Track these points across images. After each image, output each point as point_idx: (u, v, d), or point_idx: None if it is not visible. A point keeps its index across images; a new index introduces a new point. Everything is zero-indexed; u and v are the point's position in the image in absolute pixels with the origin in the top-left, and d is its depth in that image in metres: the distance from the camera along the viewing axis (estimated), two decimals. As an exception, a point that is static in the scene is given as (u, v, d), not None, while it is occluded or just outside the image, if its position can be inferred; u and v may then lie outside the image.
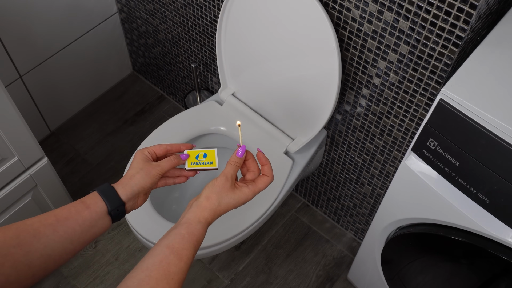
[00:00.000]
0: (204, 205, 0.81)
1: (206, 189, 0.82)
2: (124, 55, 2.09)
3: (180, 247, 0.74)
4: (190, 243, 0.75)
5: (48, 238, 0.73)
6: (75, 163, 1.95)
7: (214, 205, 0.81)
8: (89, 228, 0.77)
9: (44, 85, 1.83)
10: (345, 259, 1.74)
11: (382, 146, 1.33)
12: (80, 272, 1.69)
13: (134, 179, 0.82)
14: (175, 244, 0.74)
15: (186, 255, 0.74)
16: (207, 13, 1.49)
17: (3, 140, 1.27)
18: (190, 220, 0.78)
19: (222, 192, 0.82)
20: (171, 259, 0.72)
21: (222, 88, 1.47)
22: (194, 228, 0.78)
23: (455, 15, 0.93)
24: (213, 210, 0.81)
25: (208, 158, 0.89)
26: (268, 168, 0.87)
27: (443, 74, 1.03)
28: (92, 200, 0.79)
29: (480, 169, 0.88)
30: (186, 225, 0.78)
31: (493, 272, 1.03)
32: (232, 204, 0.83)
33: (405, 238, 1.14)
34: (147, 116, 2.08)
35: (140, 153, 0.86)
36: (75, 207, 0.78)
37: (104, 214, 0.79)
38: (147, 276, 0.69)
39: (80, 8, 1.75)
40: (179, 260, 0.73)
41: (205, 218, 0.80)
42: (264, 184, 0.86)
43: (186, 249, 0.74)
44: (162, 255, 0.73)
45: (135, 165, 0.84)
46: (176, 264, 0.72)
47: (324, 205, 1.78)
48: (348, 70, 1.22)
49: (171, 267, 0.72)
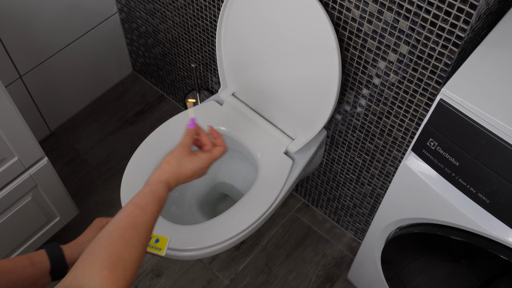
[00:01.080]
0: (164, 167, 0.89)
1: (166, 156, 0.91)
2: (124, 55, 2.09)
3: (144, 202, 0.81)
4: (153, 199, 0.82)
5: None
6: (75, 163, 1.95)
7: (174, 167, 0.89)
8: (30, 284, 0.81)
9: (44, 85, 1.83)
10: (345, 259, 1.74)
11: (382, 146, 1.33)
12: (80, 272, 1.68)
13: (83, 246, 0.87)
14: (139, 201, 0.81)
15: (151, 210, 0.80)
16: (207, 13, 1.49)
17: (3, 140, 1.27)
18: (151, 181, 0.87)
19: (180, 156, 0.91)
20: (137, 212, 0.79)
21: (222, 88, 1.47)
22: (155, 187, 0.85)
23: (455, 15, 0.93)
24: (173, 172, 0.89)
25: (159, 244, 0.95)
26: (220, 140, 0.99)
27: (443, 74, 1.03)
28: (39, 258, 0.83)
29: (480, 169, 0.88)
30: (148, 185, 0.85)
31: (493, 272, 1.03)
32: (191, 168, 0.91)
33: (405, 238, 1.14)
34: (147, 116, 2.08)
35: (98, 221, 0.92)
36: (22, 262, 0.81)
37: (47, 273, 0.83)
38: (116, 227, 0.75)
39: (80, 8, 1.75)
40: (143, 213, 0.79)
41: (165, 179, 0.87)
42: (219, 152, 0.97)
43: (150, 204, 0.81)
44: (128, 210, 0.79)
45: (89, 232, 0.90)
46: (141, 216, 0.78)
47: (324, 205, 1.78)
48: (348, 70, 1.22)
49: (137, 218, 0.78)
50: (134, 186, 1.32)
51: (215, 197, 1.69)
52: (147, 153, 1.38)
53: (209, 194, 1.61)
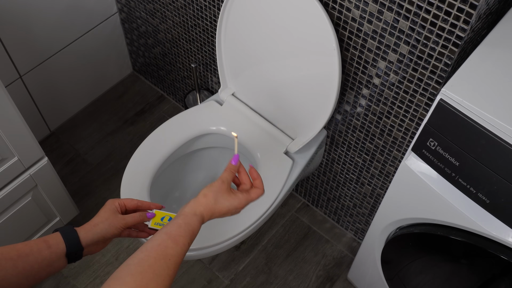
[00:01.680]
0: (201, 200, 0.87)
1: (204, 189, 0.89)
2: (124, 55, 2.09)
3: (177, 234, 0.79)
4: (186, 231, 0.81)
5: (7, 272, 0.77)
6: (75, 163, 1.95)
7: (211, 202, 0.87)
8: (46, 266, 0.82)
9: (44, 85, 1.83)
10: (345, 259, 1.74)
11: (382, 146, 1.33)
12: (80, 272, 1.69)
13: (97, 228, 0.87)
14: (172, 231, 0.80)
15: (182, 242, 0.79)
16: (207, 13, 1.49)
17: (3, 140, 1.27)
18: (187, 212, 0.84)
19: (218, 192, 0.88)
20: (169, 243, 0.77)
21: (222, 88, 1.47)
22: (190, 219, 0.83)
23: (455, 15, 0.93)
24: (209, 207, 0.87)
25: None
26: (259, 182, 0.95)
27: (443, 74, 1.03)
28: (55, 241, 0.83)
29: (480, 169, 0.88)
30: (183, 216, 0.83)
31: (493, 272, 1.03)
32: (227, 206, 0.89)
33: (405, 238, 1.14)
34: (147, 116, 2.08)
35: (111, 203, 0.91)
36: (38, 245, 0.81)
37: (62, 255, 0.83)
38: (146, 256, 0.74)
39: (80, 8, 1.75)
40: (175, 245, 0.78)
41: (200, 212, 0.85)
42: (256, 195, 0.93)
43: (182, 236, 0.80)
44: (160, 240, 0.78)
45: (102, 213, 0.89)
46: (173, 247, 0.77)
47: (324, 205, 1.78)
48: (348, 70, 1.22)
49: (168, 250, 0.77)
50: (134, 186, 1.32)
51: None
52: (147, 153, 1.38)
53: (209, 194, 1.61)
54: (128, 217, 0.90)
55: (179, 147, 1.41)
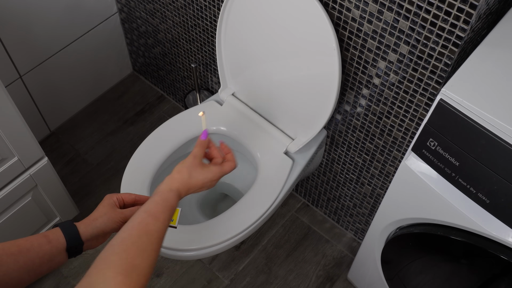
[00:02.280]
0: (175, 176, 0.90)
1: (177, 166, 0.92)
2: (124, 55, 2.09)
3: (156, 210, 0.82)
4: (165, 207, 0.83)
5: (9, 267, 0.78)
6: (75, 163, 1.95)
7: (185, 177, 0.90)
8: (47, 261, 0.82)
9: (44, 85, 1.83)
10: (345, 259, 1.74)
11: (382, 146, 1.33)
12: (80, 272, 1.68)
13: (96, 222, 0.88)
14: (151, 208, 0.82)
15: (162, 217, 0.81)
16: (207, 13, 1.49)
17: (3, 140, 1.27)
18: (163, 189, 0.87)
19: (191, 167, 0.91)
20: (149, 220, 0.79)
21: (222, 88, 1.47)
22: (166, 195, 0.86)
23: (455, 15, 0.93)
24: (184, 182, 0.90)
25: None
26: (231, 155, 0.99)
27: (443, 74, 1.03)
28: (55, 236, 0.84)
29: (480, 169, 0.88)
30: (160, 193, 0.86)
31: (493, 272, 1.03)
32: (201, 179, 0.92)
33: (405, 238, 1.14)
34: (147, 116, 2.08)
35: (109, 198, 0.92)
36: (38, 240, 0.82)
37: (63, 250, 0.84)
38: (129, 234, 0.76)
39: (80, 8, 1.75)
40: (156, 220, 0.80)
41: (176, 187, 0.88)
42: (229, 167, 0.97)
43: (161, 212, 0.82)
44: (140, 218, 0.79)
45: (101, 208, 0.90)
46: (154, 223, 0.79)
47: (324, 205, 1.78)
48: (348, 70, 1.22)
49: (149, 226, 0.78)
50: (134, 186, 1.32)
51: (215, 197, 1.69)
52: (147, 153, 1.38)
53: (209, 194, 1.62)
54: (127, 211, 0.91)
55: (179, 147, 1.41)
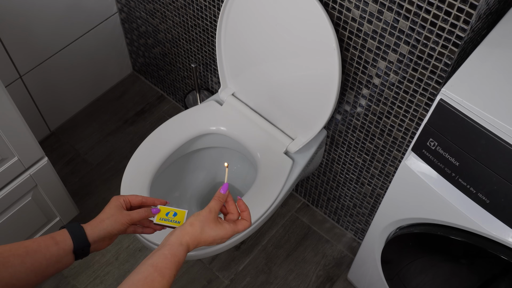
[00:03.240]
0: (187, 230, 0.86)
1: (191, 217, 0.88)
2: (124, 55, 2.09)
3: (163, 266, 0.79)
4: (172, 263, 0.81)
5: (16, 269, 0.78)
6: (75, 163, 1.95)
7: (197, 232, 0.86)
8: (54, 263, 0.82)
9: (44, 85, 1.83)
10: (345, 259, 1.74)
11: (382, 146, 1.33)
12: (80, 272, 1.69)
13: (103, 224, 0.87)
14: (159, 263, 0.80)
15: (169, 274, 0.79)
16: (207, 13, 1.49)
17: (3, 140, 1.27)
18: (173, 242, 0.84)
19: (205, 221, 0.88)
20: (155, 276, 0.77)
21: (222, 88, 1.47)
22: (176, 250, 0.83)
23: (455, 15, 0.93)
24: (195, 236, 0.86)
25: (177, 217, 0.95)
26: (247, 214, 0.93)
27: (443, 74, 1.03)
28: (62, 237, 0.84)
29: (480, 169, 0.88)
30: (169, 246, 0.83)
31: (493, 272, 1.03)
32: (212, 236, 0.88)
33: (405, 238, 1.14)
34: (147, 116, 2.08)
35: (116, 199, 0.91)
36: (45, 241, 0.82)
37: (70, 251, 0.84)
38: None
39: (80, 8, 1.75)
40: (162, 278, 0.78)
41: (186, 241, 0.85)
42: (243, 227, 0.92)
43: (169, 268, 0.80)
44: (147, 273, 0.78)
45: (107, 210, 0.89)
46: (159, 281, 0.77)
47: (324, 205, 1.78)
48: (348, 70, 1.22)
49: (155, 283, 0.77)
50: (134, 186, 1.32)
51: (215, 197, 1.69)
52: (147, 153, 1.38)
53: (209, 194, 1.62)
54: (134, 213, 0.91)
55: (179, 147, 1.41)
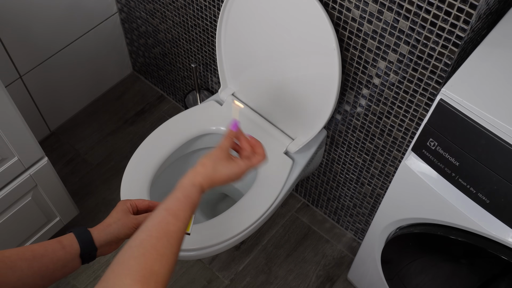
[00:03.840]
0: (199, 170, 0.84)
1: (202, 158, 0.85)
2: (124, 55, 2.09)
3: (177, 208, 0.77)
4: (186, 204, 0.78)
5: (23, 272, 0.77)
6: (75, 163, 1.95)
7: (209, 171, 0.84)
8: (61, 267, 0.82)
9: (44, 85, 1.83)
10: (345, 259, 1.74)
11: (382, 146, 1.33)
12: (80, 272, 1.69)
13: (110, 228, 0.87)
14: (172, 206, 0.77)
15: (183, 216, 0.77)
16: (207, 13, 1.49)
17: (3, 140, 1.27)
18: (185, 184, 0.81)
19: (217, 160, 0.85)
20: (170, 219, 0.75)
21: (222, 88, 1.47)
22: (189, 191, 0.80)
23: (455, 15, 0.93)
24: (208, 176, 0.84)
25: None
26: (260, 148, 0.91)
27: (443, 74, 1.03)
28: (68, 241, 0.83)
29: (480, 169, 0.88)
30: (181, 188, 0.81)
31: (493, 272, 1.03)
32: (226, 174, 0.86)
33: (405, 238, 1.14)
34: (147, 116, 2.08)
35: (122, 204, 0.91)
36: (52, 245, 0.81)
37: (77, 256, 0.83)
38: (148, 235, 0.72)
39: (80, 8, 1.75)
40: (176, 220, 0.76)
41: (199, 182, 0.82)
42: (257, 160, 0.89)
43: (183, 210, 0.78)
44: (161, 217, 0.75)
45: (114, 214, 0.89)
46: (174, 223, 0.75)
47: (324, 205, 1.78)
48: (348, 70, 1.22)
49: (170, 226, 0.74)
50: (134, 186, 1.32)
51: (215, 197, 1.69)
52: (147, 153, 1.38)
53: (209, 194, 1.62)
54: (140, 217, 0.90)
55: (179, 147, 1.41)
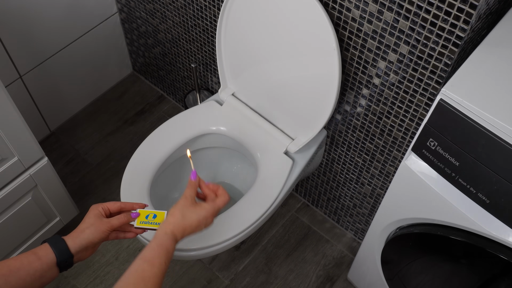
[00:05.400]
0: (169, 220, 0.91)
1: (171, 209, 0.93)
2: (124, 55, 2.09)
3: (151, 256, 0.84)
4: (160, 252, 0.85)
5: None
6: (75, 163, 1.95)
7: (178, 219, 0.91)
8: (39, 278, 0.84)
9: (44, 85, 1.83)
10: (345, 259, 1.74)
11: (382, 146, 1.33)
12: (80, 272, 1.69)
13: (84, 234, 0.89)
14: (147, 254, 0.84)
15: (158, 262, 0.83)
16: (207, 13, 1.49)
17: (3, 140, 1.27)
18: (158, 234, 0.89)
19: (183, 208, 0.92)
20: (145, 266, 0.82)
21: (222, 88, 1.47)
22: (161, 239, 0.87)
23: (455, 15, 0.93)
24: (178, 224, 0.90)
25: (157, 219, 0.98)
26: (221, 190, 0.99)
27: (443, 74, 1.03)
28: (44, 252, 0.85)
29: (480, 169, 0.88)
30: (155, 238, 0.88)
31: (493, 272, 1.03)
32: (196, 218, 0.92)
33: (405, 238, 1.14)
34: (147, 116, 2.08)
35: (94, 208, 0.94)
36: (27, 258, 0.84)
37: (53, 265, 0.86)
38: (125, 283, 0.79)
39: (80, 8, 1.75)
40: (151, 267, 0.82)
41: (170, 230, 0.89)
42: (222, 202, 0.97)
43: (157, 257, 0.84)
44: (137, 266, 0.82)
45: (87, 220, 0.92)
46: (149, 270, 0.81)
47: (324, 205, 1.78)
48: (348, 70, 1.22)
49: (145, 272, 0.81)
50: (134, 186, 1.32)
51: (215, 197, 1.69)
52: (147, 153, 1.38)
53: (209, 194, 1.61)
54: (113, 220, 0.93)
55: (179, 147, 1.41)
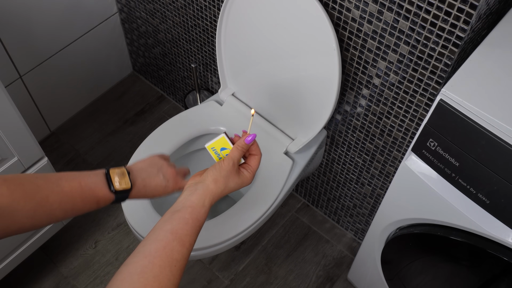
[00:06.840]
0: (211, 188, 0.80)
1: (213, 172, 0.82)
2: (124, 55, 2.09)
3: (184, 233, 0.73)
4: (193, 228, 0.74)
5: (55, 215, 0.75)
6: (75, 163, 1.95)
7: (220, 188, 0.81)
8: None
9: (44, 85, 1.83)
10: (345, 259, 1.74)
11: (382, 146, 1.33)
12: (80, 272, 1.68)
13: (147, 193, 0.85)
14: (179, 229, 0.73)
15: (189, 241, 0.73)
16: (207, 13, 1.49)
17: (3, 140, 1.27)
18: (195, 204, 0.77)
19: (229, 176, 0.82)
20: (175, 245, 0.71)
21: (222, 88, 1.47)
22: (198, 213, 0.76)
23: (455, 15, 0.93)
24: (219, 194, 0.81)
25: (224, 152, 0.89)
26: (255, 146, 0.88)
27: (443, 74, 1.03)
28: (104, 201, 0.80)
29: (480, 170, 0.88)
30: (191, 209, 0.76)
31: (493, 272, 1.03)
32: (234, 188, 0.83)
33: (405, 238, 1.14)
34: (147, 116, 2.08)
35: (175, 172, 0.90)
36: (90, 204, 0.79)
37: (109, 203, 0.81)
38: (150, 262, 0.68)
39: (80, 8, 1.75)
40: (182, 247, 0.71)
41: (209, 201, 0.78)
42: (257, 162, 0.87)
43: (189, 235, 0.73)
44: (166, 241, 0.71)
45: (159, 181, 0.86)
46: (179, 250, 0.71)
47: (324, 205, 1.78)
48: (348, 70, 1.22)
49: (174, 253, 0.70)
50: (134, 186, 1.32)
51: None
52: (147, 153, 1.38)
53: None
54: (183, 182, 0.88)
55: (179, 147, 1.41)
